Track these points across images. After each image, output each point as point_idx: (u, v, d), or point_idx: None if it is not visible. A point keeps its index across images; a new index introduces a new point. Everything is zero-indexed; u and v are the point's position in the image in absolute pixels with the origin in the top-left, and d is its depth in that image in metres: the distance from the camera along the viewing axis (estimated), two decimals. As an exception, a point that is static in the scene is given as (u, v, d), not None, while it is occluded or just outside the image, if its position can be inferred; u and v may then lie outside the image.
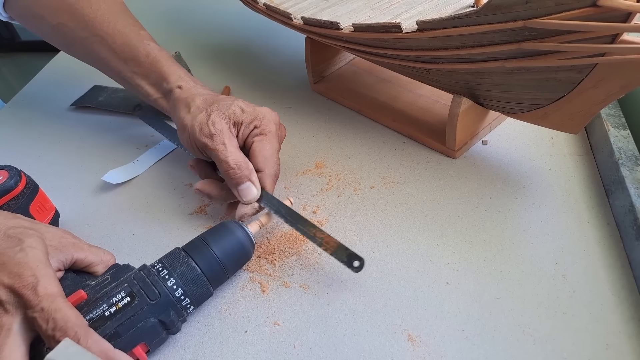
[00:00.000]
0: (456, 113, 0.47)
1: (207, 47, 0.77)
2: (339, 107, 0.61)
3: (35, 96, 0.70)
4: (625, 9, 0.31)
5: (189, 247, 0.39)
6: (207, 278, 0.38)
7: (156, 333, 0.35)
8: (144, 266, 0.37)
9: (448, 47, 0.42)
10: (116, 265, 0.38)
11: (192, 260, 0.38)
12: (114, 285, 0.35)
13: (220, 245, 0.39)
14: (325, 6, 0.57)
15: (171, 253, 0.38)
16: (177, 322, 0.36)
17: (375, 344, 0.37)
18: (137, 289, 0.35)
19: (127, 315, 0.34)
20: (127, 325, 0.34)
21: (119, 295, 0.35)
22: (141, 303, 0.35)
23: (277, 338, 0.38)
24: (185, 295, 0.36)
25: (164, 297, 0.35)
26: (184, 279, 0.37)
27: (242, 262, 0.41)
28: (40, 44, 1.99)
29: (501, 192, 0.48)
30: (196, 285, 0.37)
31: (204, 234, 0.40)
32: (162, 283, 0.36)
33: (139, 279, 0.36)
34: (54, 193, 0.53)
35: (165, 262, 0.37)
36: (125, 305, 0.34)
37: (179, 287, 0.36)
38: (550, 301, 0.38)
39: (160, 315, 0.35)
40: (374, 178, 0.51)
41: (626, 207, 0.42)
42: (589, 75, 0.38)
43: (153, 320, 0.35)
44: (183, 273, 0.37)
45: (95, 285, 0.36)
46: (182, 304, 0.36)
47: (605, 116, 0.50)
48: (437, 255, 0.43)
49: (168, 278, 0.36)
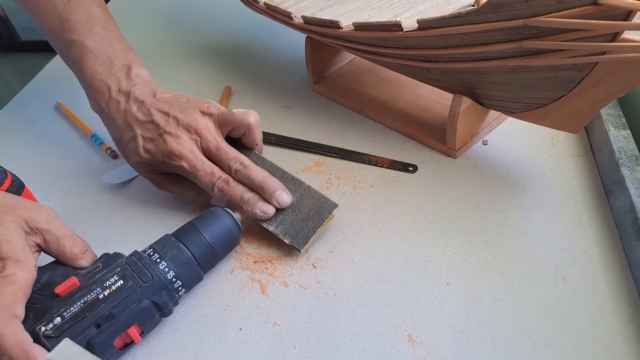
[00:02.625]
0: (456, 112, 0.47)
1: (207, 47, 0.77)
2: (339, 107, 0.61)
3: (35, 96, 0.70)
4: (626, 7, 0.31)
5: (179, 232, 0.40)
6: (197, 261, 0.39)
7: (150, 314, 0.36)
8: (135, 252, 0.38)
9: (448, 46, 0.42)
10: (106, 254, 0.39)
11: (182, 245, 0.39)
12: (107, 271, 0.36)
13: (209, 230, 0.40)
14: (326, 5, 0.57)
15: (162, 239, 0.40)
16: (170, 304, 0.37)
17: (376, 344, 0.37)
18: (130, 272, 0.36)
19: (121, 297, 0.35)
20: (121, 306, 0.35)
21: (112, 279, 0.36)
22: (134, 285, 0.36)
23: (277, 338, 0.38)
24: (177, 278, 0.37)
25: (156, 279, 0.36)
26: (175, 262, 0.38)
27: (231, 247, 0.43)
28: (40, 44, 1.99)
29: (501, 192, 0.47)
30: (187, 268, 0.38)
31: (193, 220, 0.41)
32: (153, 266, 0.37)
33: (131, 263, 0.37)
34: (54, 193, 0.53)
35: (156, 247, 0.38)
36: (119, 287, 0.35)
37: (171, 269, 0.37)
38: (550, 303, 0.38)
39: (153, 296, 0.36)
40: (374, 177, 0.51)
41: (626, 207, 0.41)
42: (590, 74, 0.37)
43: (147, 302, 0.36)
44: (174, 256, 0.38)
45: (87, 272, 0.37)
46: (174, 286, 0.37)
47: (606, 116, 0.50)
48: (438, 256, 0.42)
49: (159, 261, 0.37)
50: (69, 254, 0.38)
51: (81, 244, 0.39)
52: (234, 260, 0.44)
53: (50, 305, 0.34)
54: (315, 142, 0.55)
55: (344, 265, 0.42)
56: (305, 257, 0.44)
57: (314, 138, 0.56)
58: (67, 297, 0.35)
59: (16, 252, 0.34)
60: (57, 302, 0.34)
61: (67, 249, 0.38)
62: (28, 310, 0.34)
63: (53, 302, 0.34)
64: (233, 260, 0.44)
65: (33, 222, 0.36)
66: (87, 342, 0.33)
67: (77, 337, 0.33)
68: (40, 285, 0.36)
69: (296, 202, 0.44)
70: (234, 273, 0.43)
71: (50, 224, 0.37)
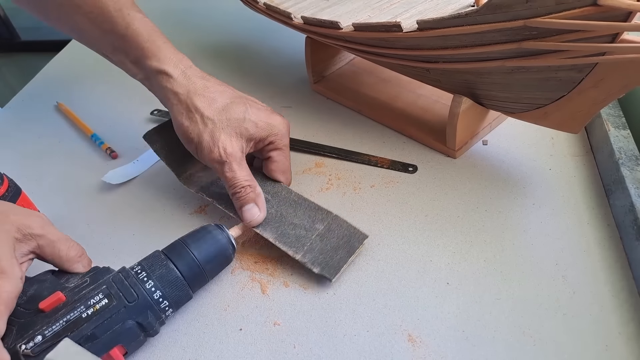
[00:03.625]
0: (456, 113, 0.47)
1: (207, 47, 0.77)
2: (339, 107, 0.61)
3: (35, 96, 0.70)
4: (625, 8, 0.31)
5: (169, 249, 0.39)
6: (186, 281, 0.38)
7: (134, 335, 0.35)
8: (122, 269, 0.37)
9: (448, 47, 0.42)
10: (96, 268, 0.38)
11: (171, 263, 0.37)
12: (93, 288, 0.35)
13: (200, 248, 0.39)
14: (326, 6, 0.57)
15: (151, 256, 0.38)
16: (156, 324, 0.36)
17: (376, 344, 0.37)
18: (115, 290, 0.35)
19: (105, 317, 0.34)
20: (104, 326, 0.34)
21: (97, 297, 0.34)
22: (119, 305, 0.34)
23: (277, 338, 0.38)
24: (164, 298, 0.36)
25: (142, 299, 0.35)
26: (162, 281, 0.37)
27: (223, 266, 0.41)
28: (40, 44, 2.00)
29: (501, 192, 0.47)
30: (175, 288, 0.37)
31: (184, 236, 0.40)
32: (140, 285, 0.36)
33: (117, 281, 0.36)
34: (54, 193, 0.53)
35: (145, 264, 0.37)
36: (103, 307, 0.34)
37: (157, 289, 0.36)
38: (550, 302, 0.38)
39: (138, 317, 0.35)
40: (374, 177, 0.51)
41: (626, 207, 0.41)
42: (590, 75, 0.37)
43: (131, 322, 0.35)
44: (162, 276, 0.37)
45: (74, 287, 0.36)
46: (161, 306, 0.36)
47: (606, 116, 0.50)
48: (438, 256, 0.42)
49: (146, 280, 0.36)
50: (65, 257, 0.37)
51: (77, 248, 0.38)
52: (234, 261, 0.44)
53: (34, 321, 0.33)
54: (316, 143, 0.55)
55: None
56: (306, 257, 0.44)
57: (314, 138, 0.56)
58: (51, 314, 0.34)
59: (2, 262, 0.33)
60: (41, 318, 0.33)
61: (63, 253, 0.37)
62: (12, 324, 0.33)
63: (37, 318, 0.33)
64: (233, 260, 0.44)
65: (26, 229, 0.36)
66: None
67: None
68: (27, 298, 0.35)
69: (324, 231, 0.43)
70: (234, 273, 0.43)
71: (44, 229, 0.37)
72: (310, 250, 0.42)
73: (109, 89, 0.69)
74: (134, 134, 0.60)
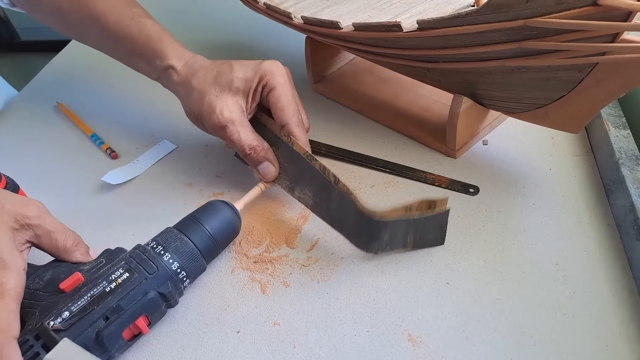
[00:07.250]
0: (456, 112, 0.47)
1: (207, 47, 0.77)
2: (339, 107, 0.61)
3: (35, 96, 0.70)
4: (625, 8, 0.31)
5: (181, 225, 0.41)
6: (200, 252, 0.39)
7: (157, 305, 0.36)
8: (138, 245, 0.39)
9: (448, 47, 0.42)
10: (108, 250, 0.39)
11: (185, 236, 0.39)
12: (111, 265, 0.37)
13: (210, 221, 0.41)
14: (326, 5, 0.57)
15: (164, 232, 0.40)
16: (175, 294, 0.38)
17: (376, 344, 0.37)
18: (135, 264, 0.37)
19: (128, 289, 0.35)
20: (128, 298, 0.35)
21: (118, 272, 0.36)
22: (140, 277, 0.36)
23: (277, 338, 0.38)
24: (182, 269, 0.38)
25: (161, 270, 0.37)
26: (178, 253, 0.38)
27: (232, 237, 0.43)
28: (40, 44, 1.99)
29: (501, 192, 0.47)
30: (191, 259, 0.39)
31: (194, 212, 0.42)
32: (158, 258, 0.37)
33: (135, 256, 0.37)
34: (54, 193, 0.53)
35: (159, 239, 0.39)
36: (125, 280, 0.36)
37: (175, 260, 0.38)
38: (550, 302, 0.38)
39: (159, 287, 0.36)
40: (374, 177, 0.51)
41: (626, 207, 0.41)
42: (590, 75, 0.37)
43: (153, 293, 0.36)
44: (177, 248, 0.38)
45: (91, 268, 0.37)
46: (179, 276, 0.38)
47: (606, 116, 0.50)
48: (438, 256, 0.42)
49: (164, 253, 0.38)
50: (62, 247, 0.38)
51: (73, 237, 0.39)
52: (234, 261, 0.44)
53: (56, 301, 0.35)
54: (319, 141, 0.55)
55: (344, 265, 0.42)
56: (305, 257, 0.44)
57: (313, 138, 0.56)
58: (73, 292, 0.35)
59: (4, 257, 0.33)
60: (63, 298, 0.35)
61: (60, 243, 0.38)
62: (34, 307, 0.34)
63: (59, 298, 0.35)
64: (233, 260, 0.44)
65: (23, 219, 0.36)
66: (96, 335, 0.33)
67: (86, 329, 0.33)
68: (44, 282, 0.36)
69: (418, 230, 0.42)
70: (234, 273, 0.43)
71: (41, 219, 0.37)
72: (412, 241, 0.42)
73: (109, 89, 0.69)
74: (134, 134, 0.60)
